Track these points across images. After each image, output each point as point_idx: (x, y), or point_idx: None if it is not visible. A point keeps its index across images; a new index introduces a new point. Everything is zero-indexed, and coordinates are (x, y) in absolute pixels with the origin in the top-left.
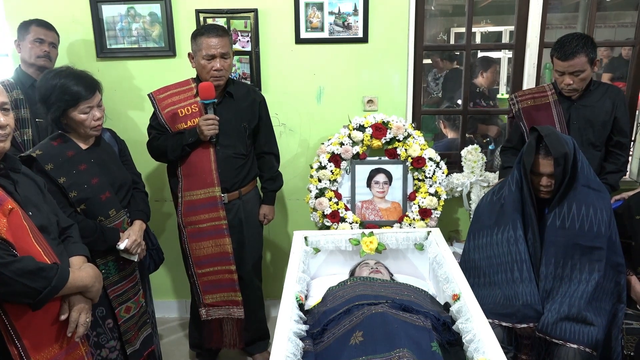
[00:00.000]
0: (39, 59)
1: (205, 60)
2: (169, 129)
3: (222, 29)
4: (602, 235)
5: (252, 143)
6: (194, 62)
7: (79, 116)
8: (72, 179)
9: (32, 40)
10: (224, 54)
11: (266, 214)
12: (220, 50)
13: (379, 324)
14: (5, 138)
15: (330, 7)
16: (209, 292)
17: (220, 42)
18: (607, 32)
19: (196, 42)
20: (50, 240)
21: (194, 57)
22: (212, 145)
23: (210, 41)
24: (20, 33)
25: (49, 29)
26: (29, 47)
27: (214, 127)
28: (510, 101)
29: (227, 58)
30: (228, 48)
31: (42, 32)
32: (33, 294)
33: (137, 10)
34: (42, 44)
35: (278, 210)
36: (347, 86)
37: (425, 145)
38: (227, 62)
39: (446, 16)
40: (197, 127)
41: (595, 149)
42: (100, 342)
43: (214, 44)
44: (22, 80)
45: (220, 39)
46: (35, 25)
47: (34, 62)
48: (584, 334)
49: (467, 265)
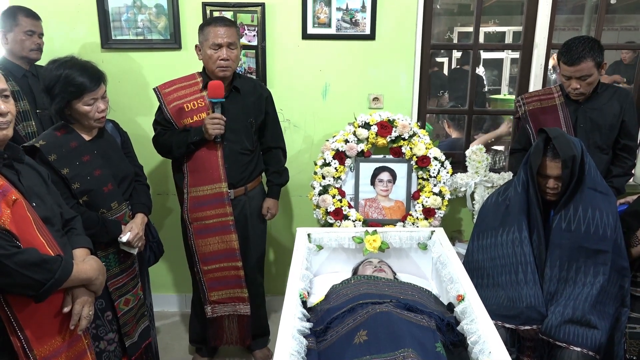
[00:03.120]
0: (31, 52)
1: (212, 50)
2: (174, 124)
3: (229, 20)
4: (607, 239)
5: (258, 139)
6: (200, 54)
7: (83, 108)
8: (75, 170)
9: (24, 32)
10: (230, 44)
11: (270, 207)
12: (227, 39)
13: (383, 323)
14: (7, 125)
15: (338, 3)
16: (214, 289)
17: (228, 32)
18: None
19: (203, 32)
20: (54, 232)
21: (200, 48)
22: (221, 139)
23: (218, 30)
24: (7, 23)
25: (37, 19)
26: (20, 39)
27: (220, 126)
28: (517, 103)
29: (233, 49)
30: (235, 38)
31: (32, 24)
32: (36, 286)
33: (143, 1)
34: (33, 36)
35: (281, 207)
36: (353, 83)
37: (430, 144)
38: (234, 52)
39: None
40: (202, 125)
41: (602, 152)
42: (99, 334)
43: (221, 33)
44: (12, 72)
45: (228, 28)
46: (24, 16)
47: (27, 55)
48: (587, 338)
49: (470, 265)
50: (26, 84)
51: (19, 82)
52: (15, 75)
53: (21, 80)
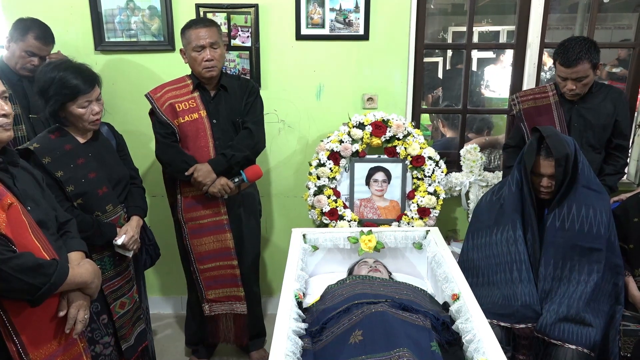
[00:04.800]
0: (22, 70)
1: (195, 52)
2: (171, 123)
3: (209, 20)
4: (601, 237)
5: None
6: (186, 58)
7: (77, 110)
8: (70, 173)
9: (25, 51)
10: (213, 44)
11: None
12: (209, 40)
13: (378, 323)
14: (10, 127)
15: (332, 4)
16: (211, 288)
17: (209, 32)
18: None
19: (185, 36)
20: (49, 236)
21: (185, 52)
22: (212, 139)
23: (199, 32)
24: (16, 34)
25: (46, 43)
26: (18, 54)
27: (223, 193)
28: (512, 101)
29: (216, 48)
30: (217, 37)
31: (37, 47)
32: (32, 291)
33: (136, 3)
34: (32, 57)
35: (276, 207)
36: (347, 83)
37: (424, 144)
38: (218, 51)
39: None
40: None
41: (595, 151)
42: (95, 338)
43: (202, 34)
44: (7, 76)
45: (208, 29)
46: (33, 37)
47: (17, 71)
48: (582, 335)
49: (465, 265)
50: (21, 88)
51: (14, 86)
52: (10, 80)
53: (16, 84)
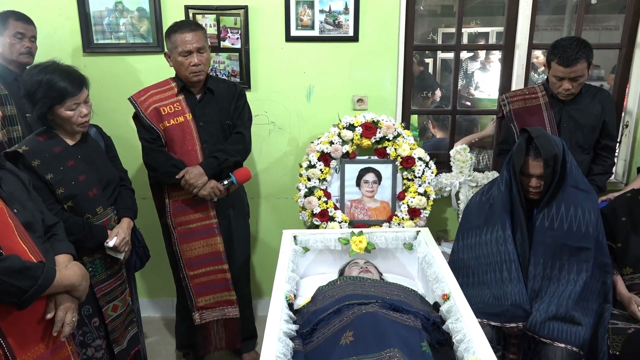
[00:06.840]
0: (21, 56)
1: (182, 57)
2: (155, 128)
3: (194, 24)
4: (590, 236)
5: None
6: (171, 61)
7: (65, 113)
8: (59, 176)
9: (13, 35)
10: (199, 49)
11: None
12: (195, 45)
13: (369, 323)
14: None
15: (321, 5)
16: (202, 294)
17: (195, 37)
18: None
19: (170, 40)
20: (36, 238)
21: (170, 55)
22: (199, 142)
23: (185, 37)
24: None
25: (28, 22)
26: (9, 42)
27: (213, 195)
28: (502, 102)
29: (203, 52)
30: (203, 42)
31: (22, 26)
32: (19, 294)
33: (125, 5)
34: (23, 39)
35: (267, 209)
36: (337, 85)
37: (414, 144)
38: (204, 56)
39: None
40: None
41: (583, 152)
42: (86, 341)
43: (189, 39)
44: (2, 75)
45: (194, 33)
46: (14, 19)
47: (16, 59)
48: (571, 334)
49: (456, 265)
50: (16, 88)
51: (9, 86)
52: (5, 79)
53: (11, 84)
